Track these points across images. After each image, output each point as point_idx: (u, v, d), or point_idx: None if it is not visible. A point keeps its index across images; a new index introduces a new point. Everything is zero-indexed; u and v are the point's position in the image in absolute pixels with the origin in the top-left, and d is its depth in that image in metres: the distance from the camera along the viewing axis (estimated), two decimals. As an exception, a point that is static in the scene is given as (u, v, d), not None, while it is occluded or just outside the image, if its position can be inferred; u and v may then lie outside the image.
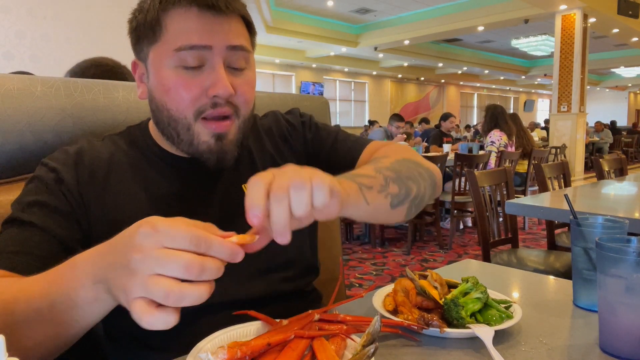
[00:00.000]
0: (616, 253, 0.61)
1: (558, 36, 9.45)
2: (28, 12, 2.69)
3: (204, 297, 0.44)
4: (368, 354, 0.54)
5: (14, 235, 0.67)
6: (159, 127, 0.78)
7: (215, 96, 0.72)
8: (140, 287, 0.43)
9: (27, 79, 0.86)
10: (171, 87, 0.72)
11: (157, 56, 0.73)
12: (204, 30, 0.71)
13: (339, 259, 1.19)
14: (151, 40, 0.73)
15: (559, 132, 9.46)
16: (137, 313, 0.43)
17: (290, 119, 0.96)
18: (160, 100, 0.74)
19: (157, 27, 0.72)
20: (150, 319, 0.43)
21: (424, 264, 3.97)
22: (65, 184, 0.72)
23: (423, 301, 0.72)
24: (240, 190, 0.82)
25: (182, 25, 0.71)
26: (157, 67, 0.73)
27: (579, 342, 0.66)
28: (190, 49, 0.70)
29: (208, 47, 0.71)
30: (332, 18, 12.51)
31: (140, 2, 0.76)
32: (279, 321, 0.62)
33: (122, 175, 0.77)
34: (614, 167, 3.27)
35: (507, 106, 24.38)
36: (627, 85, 23.34)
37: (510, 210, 1.95)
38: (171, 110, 0.73)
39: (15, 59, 2.69)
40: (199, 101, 0.72)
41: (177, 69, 0.71)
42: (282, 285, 0.83)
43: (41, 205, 0.70)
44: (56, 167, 0.73)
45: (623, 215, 1.65)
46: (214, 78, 0.71)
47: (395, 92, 18.84)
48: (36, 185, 0.72)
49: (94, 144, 0.80)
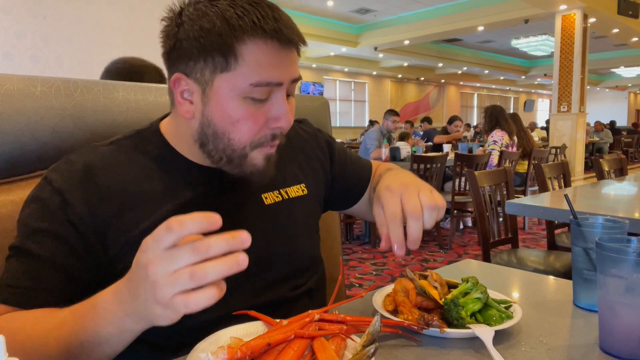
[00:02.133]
0: (616, 253, 0.61)
1: (558, 36, 9.45)
2: (28, 12, 2.69)
3: (225, 269, 0.47)
4: (368, 354, 0.54)
5: (23, 267, 0.66)
6: (204, 148, 0.75)
7: (278, 128, 0.73)
8: (169, 287, 0.47)
9: (27, 79, 0.85)
10: (240, 118, 0.70)
11: (227, 85, 0.69)
12: (279, 65, 0.70)
13: (339, 259, 1.19)
14: (221, 68, 0.68)
15: (559, 132, 9.46)
16: (181, 303, 0.47)
17: (308, 129, 0.99)
18: (222, 129, 0.72)
19: (231, 56, 0.68)
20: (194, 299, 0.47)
21: (424, 264, 3.97)
22: (71, 207, 0.68)
23: (423, 301, 0.72)
24: (255, 198, 0.83)
25: (261, 60, 0.68)
26: (224, 96, 0.70)
27: (579, 342, 0.66)
28: (266, 85, 0.69)
29: (280, 83, 0.71)
30: (332, 18, 12.50)
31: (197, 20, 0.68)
32: (279, 321, 0.62)
33: (140, 186, 0.74)
34: (614, 167, 3.27)
35: (507, 106, 24.37)
36: (627, 85, 23.33)
37: (510, 210, 1.95)
38: (232, 140, 0.72)
39: (15, 59, 2.69)
40: (261, 132, 0.72)
41: (246, 101, 0.70)
42: (293, 292, 0.83)
43: (47, 234, 0.67)
44: (61, 189, 0.69)
45: (623, 215, 1.65)
46: (280, 112, 0.72)
47: (395, 92, 18.83)
48: (41, 209, 0.69)
49: (103, 153, 0.75)
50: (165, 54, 0.74)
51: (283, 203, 0.85)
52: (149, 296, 0.48)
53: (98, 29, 2.85)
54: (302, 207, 0.87)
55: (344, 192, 0.99)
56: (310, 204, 0.90)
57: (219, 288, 0.48)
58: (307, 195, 0.90)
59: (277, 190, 0.85)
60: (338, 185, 0.97)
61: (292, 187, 0.88)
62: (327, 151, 0.98)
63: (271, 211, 0.83)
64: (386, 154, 4.87)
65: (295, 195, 0.87)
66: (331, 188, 0.97)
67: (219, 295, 0.47)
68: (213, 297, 0.47)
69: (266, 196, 0.84)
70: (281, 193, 0.86)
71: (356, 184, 0.98)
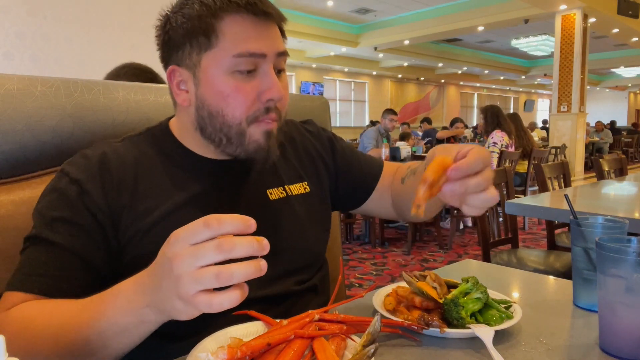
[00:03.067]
0: (616, 253, 0.61)
1: (558, 36, 9.46)
2: (28, 12, 2.69)
3: (249, 272, 0.47)
4: (368, 354, 0.54)
5: (42, 256, 0.67)
6: (205, 132, 0.77)
7: (270, 100, 0.74)
8: (192, 283, 0.46)
9: (27, 79, 0.85)
10: (230, 92, 0.73)
11: (213, 62, 0.73)
12: (259, 37, 0.73)
13: (339, 259, 1.19)
14: (205, 47, 0.73)
15: (559, 132, 9.46)
16: (204, 302, 0.47)
17: (312, 129, 0.99)
18: (216, 106, 0.74)
19: (211, 33, 0.72)
20: (218, 300, 0.47)
21: (424, 264, 3.97)
22: (89, 196, 0.70)
23: (423, 301, 0.72)
24: (261, 193, 0.84)
25: (239, 31, 0.72)
26: (212, 73, 0.73)
27: (579, 342, 0.66)
28: (249, 56, 0.72)
29: (263, 54, 0.73)
30: (332, 18, 12.50)
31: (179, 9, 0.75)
32: (279, 321, 0.62)
33: (150, 179, 0.77)
34: (614, 167, 3.27)
35: (507, 106, 24.38)
36: (627, 85, 23.34)
37: (510, 210, 1.95)
38: (227, 116, 0.74)
39: (15, 59, 2.69)
40: (254, 106, 0.74)
41: (233, 74, 0.73)
42: (298, 286, 0.84)
43: (65, 222, 0.69)
44: (79, 179, 0.71)
45: (623, 215, 1.65)
46: (268, 83, 0.74)
47: (395, 92, 18.83)
48: (59, 199, 0.71)
49: (116, 148, 0.78)
50: (160, 52, 0.79)
51: (287, 199, 0.86)
52: (172, 290, 0.48)
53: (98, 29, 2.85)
54: (304, 205, 0.88)
55: (351, 189, 0.98)
56: (313, 202, 0.90)
57: (242, 290, 0.48)
58: (310, 193, 0.90)
59: (281, 186, 0.87)
60: (344, 182, 0.97)
61: (294, 185, 0.89)
62: (329, 148, 0.98)
63: (276, 206, 0.84)
64: (386, 153, 4.87)
65: (297, 193, 0.88)
66: (336, 185, 0.97)
67: (242, 297, 0.47)
68: (237, 300, 0.47)
69: (271, 192, 0.85)
70: (285, 189, 0.87)
71: (364, 181, 0.97)
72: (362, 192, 0.98)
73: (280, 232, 0.83)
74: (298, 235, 0.85)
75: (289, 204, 0.86)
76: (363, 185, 0.98)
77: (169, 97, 1.01)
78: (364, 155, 1.03)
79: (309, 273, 0.87)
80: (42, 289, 0.65)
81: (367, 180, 0.98)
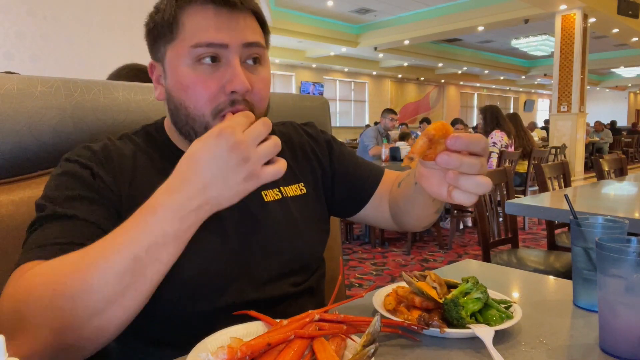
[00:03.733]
0: (616, 253, 0.61)
1: (558, 36, 9.46)
2: (28, 12, 2.69)
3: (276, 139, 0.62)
4: (368, 354, 0.54)
5: (59, 228, 0.64)
6: (177, 127, 0.77)
7: (234, 92, 0.71)
8: (262, 158, 0.60)
9: (27, 79, 0.85)
10: (189, 84, 0.72)
11: (175, 54, 0.73)
12: (220, 27, 0.71)
13: (339, 259, 1.19)
14: (168, 38, 0.73)
15: (559, 132, 9.46)
16: (271, 171, 0.61)
17: (311, 131, 0.97)
18: (178, 98, 0.74)
19: (174, 24, 0.72)
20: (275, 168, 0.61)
21: (424, 264, 3.97)
22: (102, 179, 0.71)
23: (423, 301, 0.72)
24: (255, 194, 0.83)
25: (199, 22, 0.71)
26: (174, 65, 0.73)
27: (579, 342, 0.66)
28: (207, 46, 0.70)
29: (224, 45, 0.71)
30: (332, 18, 12.50)
31: (157, 4, 0.76)
32: (279, 321, 0.62)
33: (146, 174, 0.77)
34: (614, 167, 3.27)
35: (507, 106, 24.38)
36: (627, 85, 23.33)
37: (510, 210, 1.95)
38: (189, 108, 0.73)
39: (15, 59, 2.69)
40: (217, 99, 0.72)
41: (194, 66, 0.71)
42: (293, 287, 0.83)
43: (81, 199, 0.68)
44: (89, 164, 0.72)
45: (623, 215, 1.65)
46: (231, 74, 0.71)
47: (395, 92, 18.83)
48: (71, 180, 0.70)
49: (116, 142, 0.79)
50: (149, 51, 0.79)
51: (282, 201, 0.85)
52: (239, 174, 0.58)
53: (98, 29, 2.85)
54: (300, 206, 0.87)
55: (347, 194, 0.95)
56: (309, 204, 0.89)
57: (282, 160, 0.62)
58: (306, 194, 0.89)
59: (277, 188, 0.86)
60: (340, 186, 0.94)
61: (290, 186, 0.88)
62: (327, 151, 0.96)
63: (271, 208, 0.83)
64: (386, 153, 4.87)
65: (293, 194, 0.87)
66: (332, 189, 0.94)
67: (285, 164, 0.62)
68: (285, 164, 0.62)
69: (266, 193, 0.84)
70: (281, 191, 0.86)
71: (362, 186, 0.94)
72: (360, 198, 0.94)
73: (275, 234, 0.82)
74: (294, 237, 0.84)
75: (284, 205, 0.85)
76: (361, 190, 0.94)
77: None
78: (364, 161, 1.00)
79: (305, 275, 0.86)
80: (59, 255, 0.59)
81: (365, 186, 0.94)
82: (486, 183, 0.60)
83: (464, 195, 0.61)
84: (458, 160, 0.59)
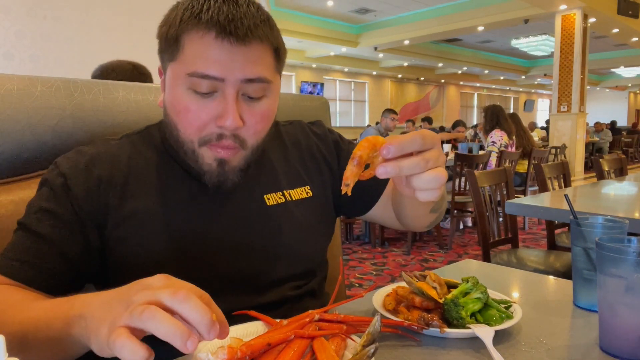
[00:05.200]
0: (616, 253, 0.61)
1: (558, 36, 9.45)
2: (28, 12, 2.69)
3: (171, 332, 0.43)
4: (368, 354, 0.54)
5: (23, 242, 0.69)
6: (172, 138, 0.76)
7: (222, 127, 0.70)
8: (127, 313, 0.44)
9: (27, 79, 0.85)
10: (181, 110, 0.70)
11: (173, 74, 0.71)
12: (220, 60, 0.67)
13: (339, 259, 1.19)
14: (170, 56, 0.71)
15: (559, 132, 9.46)
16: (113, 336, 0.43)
17: (319, 131, 0.95)
18: (172, 117, 0.73)
19: (175, 45, 0.70)
20: (121, 342, 0.42)
21: (424, 264, 3.97)
22: (72, 192, 0.71)
23: (423, 301, 0.72)
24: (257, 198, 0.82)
25: (199, 51, 0.68)
26: (172, 84, 0.72)
27: (579, 342, 0.66)
28: (202, 77, 0.68)
29: (220, 79, 0.68)
30: (332, 18, 12.50)
31: (168, 13, 0.73)
32: (279, 321, 0.62)
33: (141, 179, 0.76)
34: (614, 167, 3.27)
35: (507, 106, 24.38)
36: (627, 85, 23.33)
37: (510, 210, 1.95)
38: (179, 132, 0.73)
39: (15, 59, 2.69)
40: (206, 129, 0.71)
41: (189, 92, 0.70)
42: (294, 291, 0.83)
43: (49, 213, 0.70)
44: (65, 172, 0.72)
45: (623, 215, 1.65)
46: (223, 109, 0.69)
47: (395, 92, 18.83)
48: (46, 190, 0.72)
49: (111, 146, 0.78)
50: None
51: (285, 205, 0.84)
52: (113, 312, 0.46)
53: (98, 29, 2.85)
54: (305, 210, 0.86)
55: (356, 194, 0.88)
56: (315, 207, 0.88)
57: (147, 350, 0.43)
58: (312, 197, 0.88)
59: (280, 191, 0.84)
60: None
61: (295, 189, 0.86)
62: (335, 151, 0.94)
63: (273, 212, 0.82)
64: (386, 154, 4.86)
65: (298, 198, 0.86)
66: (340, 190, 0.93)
67: (142, 354, 0.42)
68: (134, 355, 0.42)
69: (268, 197, 0.83)
70: (284, 194, 0.85)
71: (371, 187, 0.90)
72: (369, 198, 0.92)
73: (277, 239, 0.81)
74: (296, 241, 0.83)
75: (287, 209, 0.83)
76: (369, 191, 0.91)
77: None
78: None
79: (306, 278, 0.85)
80: (14, 274, 0.66)
81: (373, 187, 0.91)
82: (436, 176, 0.57)
83: (424, 193, 0.59)
84: (396, 167, 0.55)
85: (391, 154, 0.55)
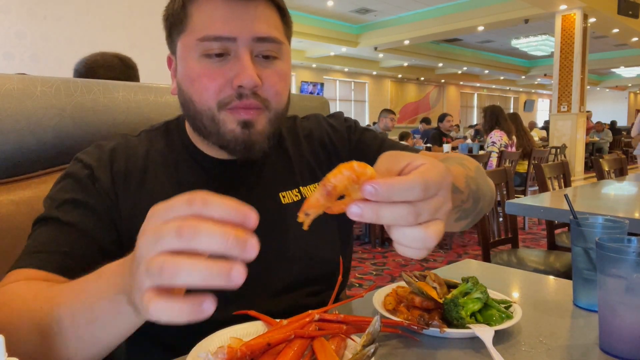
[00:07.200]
0: (616, 253, 0.61)
1: (558, 36, 9.46)
2: (28, 12, 2.69)
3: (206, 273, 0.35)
4: (368, 354, 0.54)
5: (51, 234, 0.66)
6: (189, 122, 0.76)
7: (240, 86, 0.68)
8: (144, 273, 0.36)
9: (27, 79, 0.85)
10: (195, 77, 0.69)
11: (184, 46, 0.71)
12: (229, 19, 0.67)
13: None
14: (179, 30, 0.71)
15: (559, 132, 9.46)
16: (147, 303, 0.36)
17: (334, 123, 0.92)
18: (186, 92, 0.72)
19: (183, 15, 0.70)
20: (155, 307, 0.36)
21: (424, 263, 3.97)
22: (99, 182, 0.71)
23: (423, 301, 0.72)
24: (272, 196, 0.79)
25: (207, 13, 0.68)
26: (184, 57, 0.71)
27: (579, 342, 0.66)
28: (214, 40, 0.67)
29: (232, 38, 0.68)
30: (332, 18, 12.50)
31: None
32: (279, 321, 0.62)
33: (157, 174, 0.76)
34: (614, 167, 3.27)
35: (507, 106, 24.37)
36: (627, 85, 23.33)
37: (510, 210, 1.95)
38: (195, 102, 0.71)
39: (15, 59, 2.69)
40: (223, 92, 0.69)
41: (201, 59, 0.69)
42: (307, 299, 0.79)
43: (77, 203, 0.69)
44: (91, 164, 0.72)
45: (623, 215, 1.65)
46: (239, 68, 0.68)
47: (395, 92, 18.83)
48: (71, 182, 0.71)
49: (130, 141, 0.79)
50: None
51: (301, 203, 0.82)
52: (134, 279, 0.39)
53: (98, 29, 2.85)
54: None
55: None
56: None
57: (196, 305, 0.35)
58: None
59: (296, 188, 0.82)
60: None
61: (309, 186, 0.83)
62: (347, 136, 0.89)
63: (289, 211, 0.79)
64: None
65: None
66: None
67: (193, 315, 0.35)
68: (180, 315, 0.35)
69: (284, 195, 0.80)
70: (300, 191, 0.82)
71: None
72: None
73: (292, 239, 0.78)
74: (313, 242, 0.79)
75: None
76: None
77: (169, 97, 1.01)
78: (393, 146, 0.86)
79: (323, 284, 0.81)
80: (48, 266, 0.61)
81: None
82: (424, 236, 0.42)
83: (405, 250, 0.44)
84: (373, 214, 0.41)
85: (376, 198, 0.40)
